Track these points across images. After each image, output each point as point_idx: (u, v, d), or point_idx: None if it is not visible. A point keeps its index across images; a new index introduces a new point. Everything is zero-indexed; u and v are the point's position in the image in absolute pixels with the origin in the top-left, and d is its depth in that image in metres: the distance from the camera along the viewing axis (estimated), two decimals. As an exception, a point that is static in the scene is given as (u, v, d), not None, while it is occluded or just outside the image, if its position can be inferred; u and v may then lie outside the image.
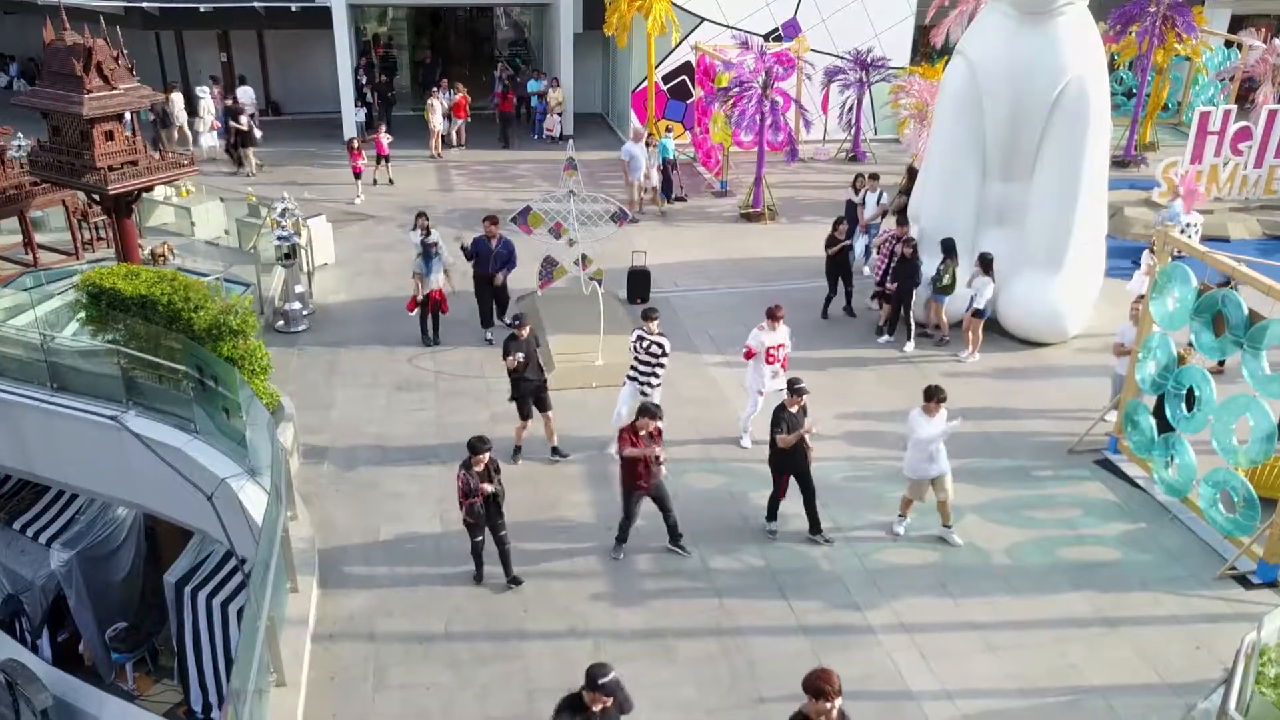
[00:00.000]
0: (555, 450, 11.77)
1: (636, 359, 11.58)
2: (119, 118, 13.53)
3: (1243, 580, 9.82)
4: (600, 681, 6.20)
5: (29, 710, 11.21)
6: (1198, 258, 10.68)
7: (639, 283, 15.87)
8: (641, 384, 11.53)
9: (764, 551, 10.18)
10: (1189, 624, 9.26)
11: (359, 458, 11.70)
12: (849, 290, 15.46)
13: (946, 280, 14.09)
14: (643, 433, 9.61)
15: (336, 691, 8.38)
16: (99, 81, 13.04)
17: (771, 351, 11.68)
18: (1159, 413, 11.09)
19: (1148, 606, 9.48)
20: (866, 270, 16.40)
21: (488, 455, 9.16)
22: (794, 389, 10.00)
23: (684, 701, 8.33)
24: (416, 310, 14.50)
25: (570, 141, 15.76)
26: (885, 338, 14.65)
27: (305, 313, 15.10)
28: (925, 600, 9.53)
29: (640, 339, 11.56)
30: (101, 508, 12.96)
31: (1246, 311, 9.72)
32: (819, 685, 5.91)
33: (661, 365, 11.56)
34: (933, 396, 9.92)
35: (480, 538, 9.49)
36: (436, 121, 23.82)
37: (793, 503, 10.29)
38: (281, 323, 14.86)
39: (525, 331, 11.26)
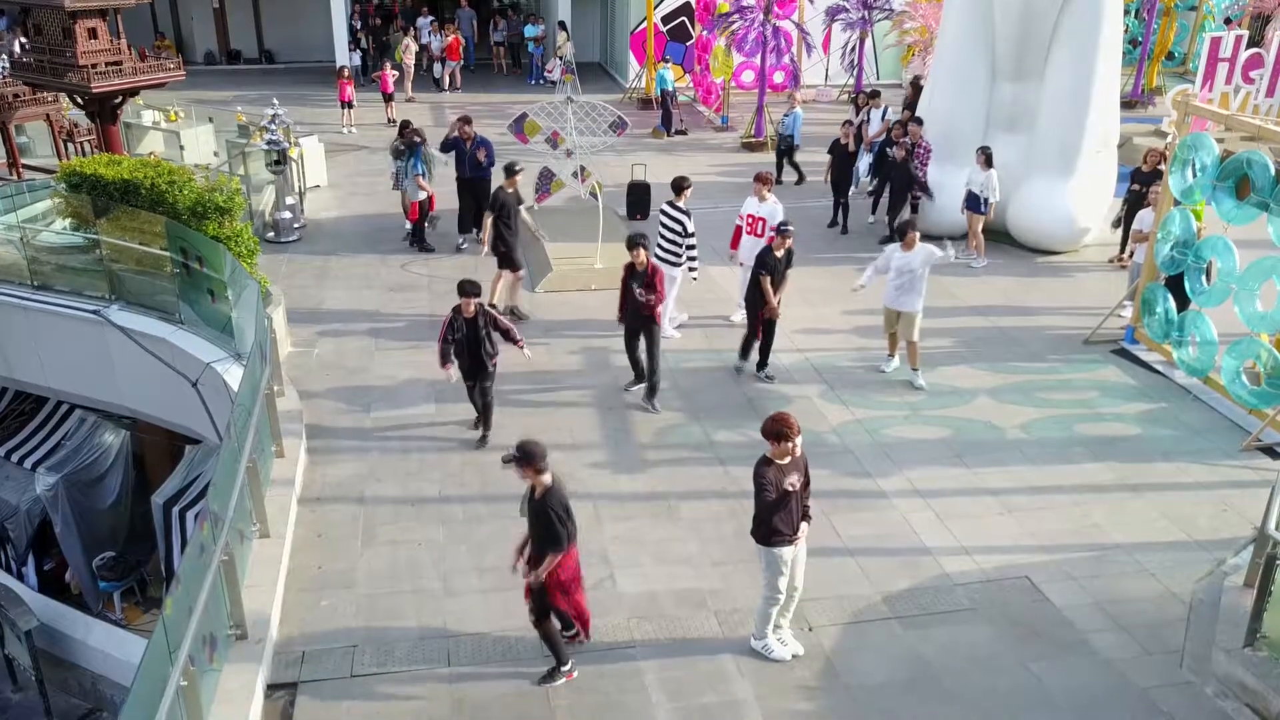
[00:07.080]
0: (514, 310, 11.41)
1: (662, 238, 11.20)
2: (103, 15, 13.13)
3: (1269, 451, 9.43)
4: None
5: (13, 633, 10.82)
6: (1214, 120, 10.31)
7: (639, 196, 15.45)
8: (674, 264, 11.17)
9: (770, 427, 9.78)
10: (1216, 489, 8.88)
11: (349, 346, 11.30)
12: (844, 203, 15.09)
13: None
14: (638, 267, 9.54)
15: (323, 546, 7.97)
16: (82, -27, 12.64)
17: (752, 220, 11.40)
18: (1178, 292, 10.70)
19: (1172, 475, 9.09)
20: (870, 187, 16.01)
21: (475, 302, 8.72)
22: (780, 229, 10.09)
23: (688, 555, 7.94)
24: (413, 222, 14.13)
25: (573, 62, 15.34)
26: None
27: (297, 225, 14.67)
28: (939, 469, 9.14)
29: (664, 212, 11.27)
30: (89, 432, 12.54)
31: (1274, 172, 9.32)
32: (778, 428, 6.01)
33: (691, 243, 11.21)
34: (904, 233, 10.28)
35: (472, 383, 9.25)
36: (410, 61, 23.46)
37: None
38: (272, 234, 14.42)
39: (516, 183, 10.79)
